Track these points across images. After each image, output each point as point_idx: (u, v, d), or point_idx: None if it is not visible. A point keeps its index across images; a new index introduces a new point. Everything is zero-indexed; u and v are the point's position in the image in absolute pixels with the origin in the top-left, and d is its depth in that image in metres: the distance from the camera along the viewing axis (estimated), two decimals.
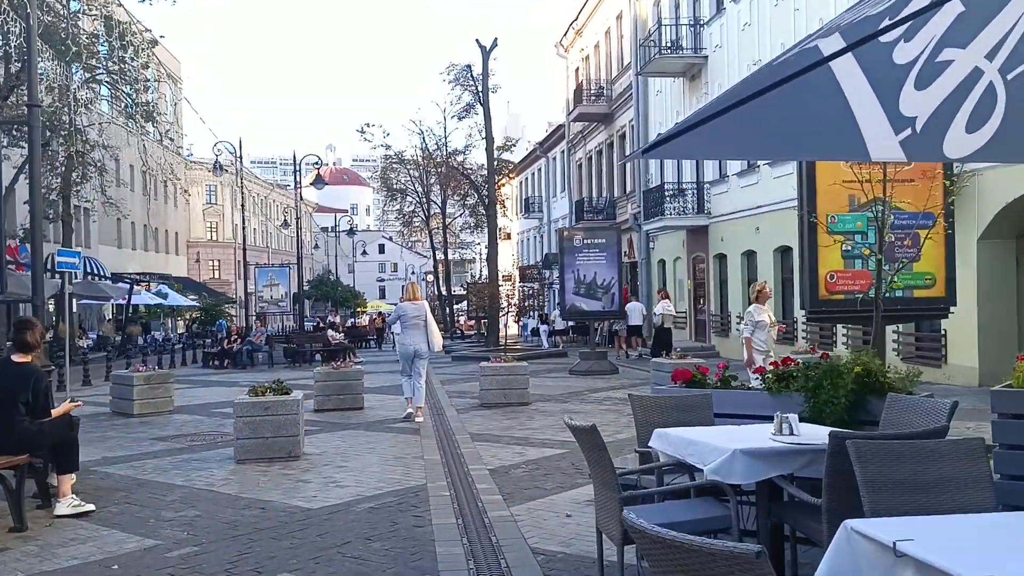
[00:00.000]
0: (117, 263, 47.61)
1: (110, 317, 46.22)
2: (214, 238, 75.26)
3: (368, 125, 54.39)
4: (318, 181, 29.49)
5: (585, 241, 20.60)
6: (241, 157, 28.75)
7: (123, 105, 30.08)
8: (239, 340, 27.43)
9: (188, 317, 53.77)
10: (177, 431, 11.88)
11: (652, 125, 31.62)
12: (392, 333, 27.98)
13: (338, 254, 63.23)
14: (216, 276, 72.67)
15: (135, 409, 13.43)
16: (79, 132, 30.73)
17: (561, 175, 47.39)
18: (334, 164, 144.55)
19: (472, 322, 59.56)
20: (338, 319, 38.91)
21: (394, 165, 56.74)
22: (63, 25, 26.49)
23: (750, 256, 23.90)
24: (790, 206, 21.10)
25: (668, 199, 26.74)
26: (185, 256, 67.64)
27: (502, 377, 13.86)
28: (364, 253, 68.61)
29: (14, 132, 27.30)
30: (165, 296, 46.17)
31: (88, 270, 41.44)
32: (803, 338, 20.02)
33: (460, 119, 37.56)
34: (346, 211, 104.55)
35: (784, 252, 21.96)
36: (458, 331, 53.37)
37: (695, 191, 27.16)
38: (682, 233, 28.41)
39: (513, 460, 8.85)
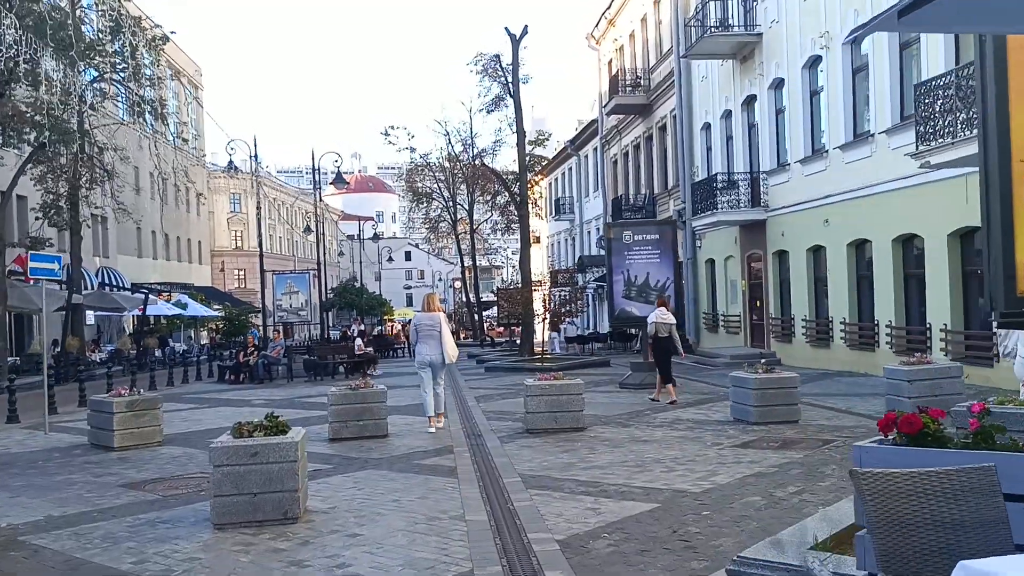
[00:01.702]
0: (137, 273, 46.00)
1: (131, 330, 44.37)
2: (239, 247, 73.90)
3: (392, 127, 52.49)
4: (339, 180, 27.38)
5: (635, 238, 18.24)
6: (257, 156, 26.74)
7: (131, 103, 28.17)
8: (255, 352, 25.32)
9: (212, 328, 51.98)
10: (157, 472, 9.67)
11: (696, 114, 29.18)
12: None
13: (363, 261, 61.29)
14: (241, 286, 71.25)
15: (115, 441, 11.25)
16: (87, 134, 28.91)
17: (594, 173, 45.04)
18: (360, 171, 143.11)
19: (501, 328, 57.36)
20: (362, 327, 36.69)
21: (420, 168, 54.76)
22: (59, 18, 24.61)
23: (817, 252, 21.39)
24: (867, 194, 18.67)
25: (720, 191, 24.27)
26: (209, 266, 66.11)
27: (551, 397, 11.54)
28: (390, 260, 66.73)
29: (9, 132, 25.42)
30: (185, 306, 44.30)
31: (104, 280, 39.76)
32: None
33: (489, 112, 35.37)
34: (372, 218, 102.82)
35: (859, 246, 19.46)
36: (488, 338, 51.17)
37: (748, 182, 24.68)
38: (734, 229, 25.91)
39: (588, 523, 6.52)
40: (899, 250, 17.70)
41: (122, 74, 28.78)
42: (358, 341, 29.21)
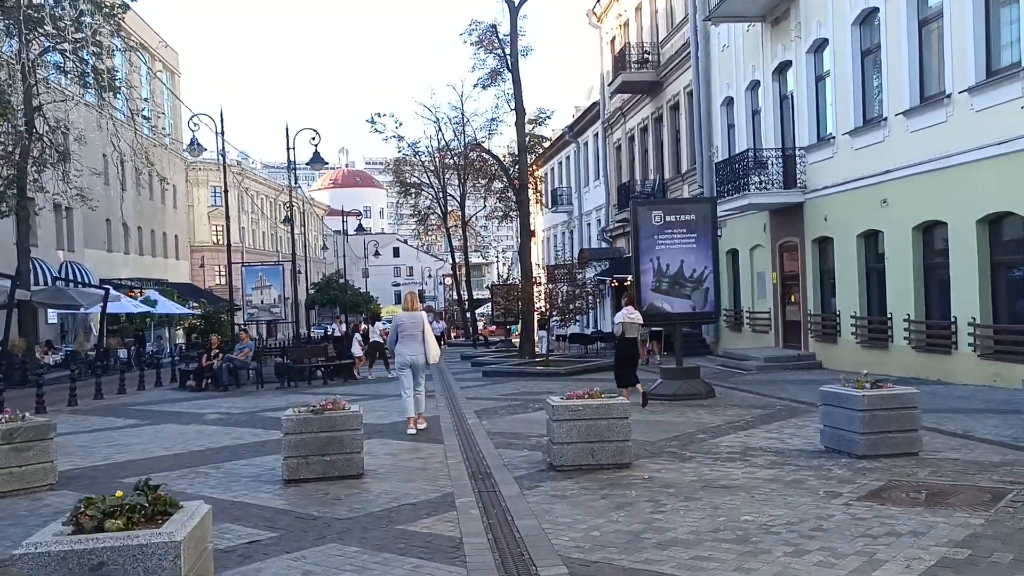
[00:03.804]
0: (107, 268, 42.83)
1: (98, 329, 40.89)
2: (220, 242, 70.53)
3: (379, 115, 49.06)
4: (317, 160, 24.25)
5: (667, 219, 15.18)
6: (223, 132, 23.55)
7: (81, 73, 24.96)
8: (220, 355, 22.18)
9: (188, 326, 48.66)
10: (14, 543, 6.57)
11: (716, 88, 26.16)
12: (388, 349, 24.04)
13: (348, 256, 58.05)
14: (222, 282, 67.96)
15: None
16: (36, 109, 25.75)
17: (595, 161, 41.96)
18: (347, 166, 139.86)
19: (494, 327, 54.15)
20: (343, 327, 33.50)
21: (408, 158, 51.58)
22: None
23: (871, 238, 18.42)
24: (940, 167, 15.63)
25: (753, 170, 21.25)
26: (188, 261, 62.86)
27: (587, 423, 8.48)
28: (377, 254, 63.47)
29: None
30: (154, 303, 40.99)
31: (67, 276, 36.46)
32: None
33: (484, 88, 32.13)
34: (358, 213, 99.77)
35: (929, 230, 16.48)
36: (481, 338, 48.09)
37: (780, 161, 21.69)
38: (763, 215, 22.93)
39: None
40: (985, 233, 14.72)
41: (75, 44, 25.57)
42: (357, 336, 26.16)
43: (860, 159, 18.28)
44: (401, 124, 78.14)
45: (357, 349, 25.22)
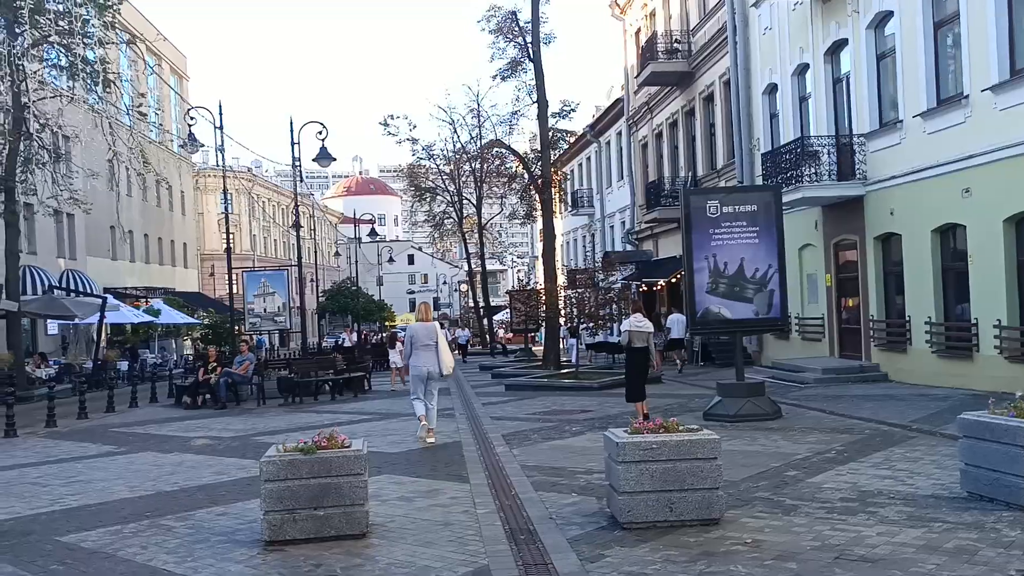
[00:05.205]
0: (111, 277, 41.05)
1: (113, 340, 38.95)
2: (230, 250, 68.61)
3: (392, 117, 46.88)
4: (323, 156, 22.29)
5: (724, 210, 13.07)
6: (222, 126, 21.65)
7: (69, 64, 23.15)
8: (218, 368, 20.20)
9: (200, 336, 46.77)
10: None
11: (757, 75, 24.01)
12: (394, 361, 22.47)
13: (361, 262, 56.08)
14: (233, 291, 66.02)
15: None
16: (25, 108, 23.90)
17: (618, 160, 39.85)
18: (360, 174, 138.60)
19: (511, 335, 51.95)
20: (354, 336, 31.52)
21: (422, 162, 49.56)
22: None
23: (949, 233, 16.22)
24: None
25: (807, 160, 19.07)
26: (198, 270, 60.96)
27: (664, 466, 6.38)
28: (391, 260, 61.66)
29: None
30: (157, 313, 39.13)
31: (68, 285, 34.66)
32: None
33: (504, 79, 30.10)
34: (372, 221, 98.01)
35: (1023, 222, 14.30)
36: (499, 346, 45.97)
37: (834, 150, 19.51)
38: (814, 211, 20.75)
39: None
40: None
41: (64, 34, 23.72)
42: (399, 344, 24.10)
43: (934, 144, 16.10)
44: (415, 126, 76.02)
45: (397, 358, 23.31)
